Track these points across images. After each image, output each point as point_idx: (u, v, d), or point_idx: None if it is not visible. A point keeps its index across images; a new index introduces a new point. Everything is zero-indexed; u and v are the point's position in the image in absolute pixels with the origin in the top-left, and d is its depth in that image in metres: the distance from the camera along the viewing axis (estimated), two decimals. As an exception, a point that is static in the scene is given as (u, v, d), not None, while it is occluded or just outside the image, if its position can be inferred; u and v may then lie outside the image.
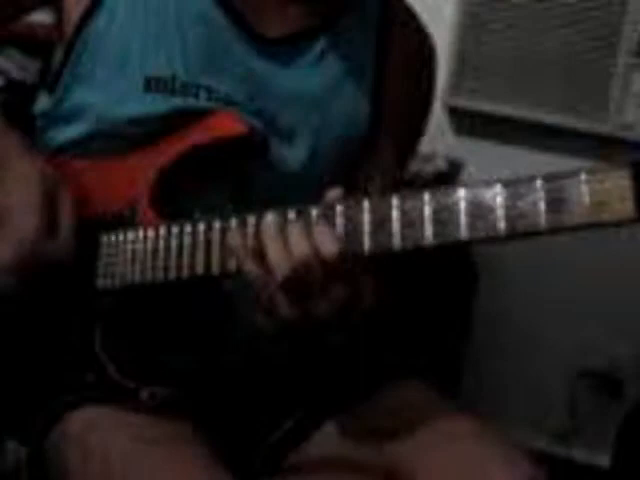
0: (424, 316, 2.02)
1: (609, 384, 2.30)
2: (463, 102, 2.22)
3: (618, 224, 0.62)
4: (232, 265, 0.84)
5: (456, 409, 0.99)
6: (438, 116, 2.20)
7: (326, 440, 1.01)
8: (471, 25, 2.18)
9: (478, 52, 2.18)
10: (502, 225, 0.68)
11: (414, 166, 1.96)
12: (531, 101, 2.19)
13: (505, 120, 2.22)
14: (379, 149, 1.06)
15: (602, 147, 2.17)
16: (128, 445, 0.87)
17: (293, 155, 1.00)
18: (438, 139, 2.16)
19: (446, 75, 2.17)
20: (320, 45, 1.01)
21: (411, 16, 1.09)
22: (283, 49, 0.99)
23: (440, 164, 2.10)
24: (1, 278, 0.90)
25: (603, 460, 2.19)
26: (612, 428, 2.06)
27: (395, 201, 0.75)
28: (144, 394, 0.90)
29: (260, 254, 0.79)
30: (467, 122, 2.27)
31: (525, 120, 2.20)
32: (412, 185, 0.75)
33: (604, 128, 2.16)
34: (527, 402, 2.35)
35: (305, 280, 0.77)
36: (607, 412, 2.28)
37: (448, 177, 2.06)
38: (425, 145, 1.68)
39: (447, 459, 0.91)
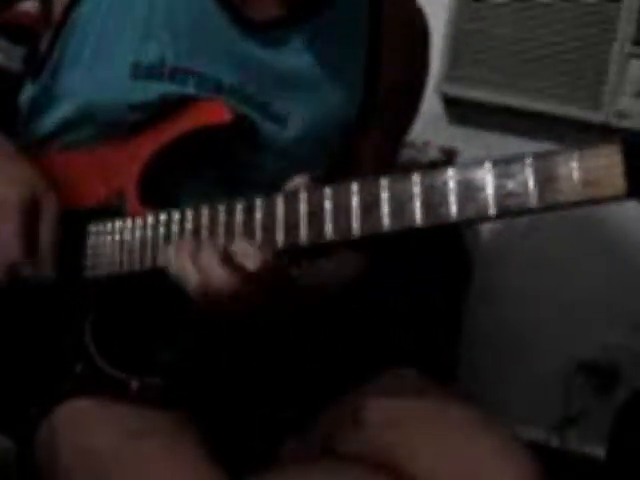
0: (417, 308, 2.02)
1: (605, 375, 2.30)
2: (458, 90, 2.21)
3: (609, 201, 0.62)
4: None
5: (452, 397, 0.99)
6: (433, 104, 2.19)
7: (319, 432, 1.00)
8: (466, 13, 2.17)
9: (473, 40, 2.18)
10: (492, 204, 0.68)
11: (409, 155, 1.95)
12: (526, 89, 2.18)
13: (500, 108, 2.21)
14: (372, 130, 1.05)
15: (597, 135, 2.17)
16: (118, 439, 0.86)
17: (286, 138, 0.99)
18: (433, 127, 2.15)
19: (441, 63, 2.17)
20: (311, 27, 1.00)
21: None
22: (273, 32, 0.99)
23: (434, 153, 2.10)
24: None
25: (599, 451, 2.18)
26: (608, 419, 2.06)
27: (384, 183, 0.74)
28: (134, 385, 0.89)
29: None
30: (461, 110, 2.27)
31: (520, 108, 2.19)
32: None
33: (599, 116, 2.15)
34: (522, 394, 2.35)
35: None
36: (603, 403, 2.28)
37: (442, 166, 2.05)
38: (419, 133, 1.67)
39: (442, 449, 0.91)
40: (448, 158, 2.10)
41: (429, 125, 2.07)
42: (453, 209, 0.70)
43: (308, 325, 1.03)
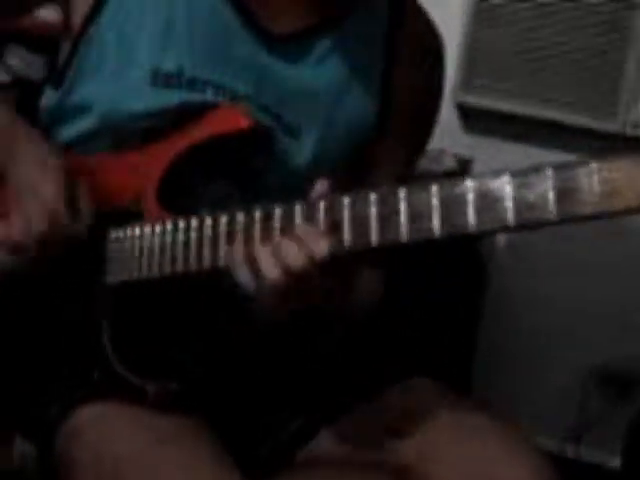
0: (432, 315, 2.01)
1: (619, 384, 2.29)
2: (472, 99, 2.21)
3: (630, 213, 0.61)
4: None
5: (466, 405, 0.99)
6: (447, 113, 2.19)
7: (334, 438, 1.00)
8: (481, 22, 2.17)
9: (488, 49, 2.18)
10: (511, 216, 0.67)
11: (423, 164, 1.95)
12: (541, 98, 2.18)
13: (514, 117, 2.21)
14: (387, 148, 1.05)
15: (612, 145, 2.16)
16: (138, 446, 0.86)
17: (300, 150, 1.00)
18: (447, 136, 2.15)
19: (456, 72, 2.17)
20: (328, 42, 1.00)
21: (421, 14, 1.08)
22: (290, 46, 0.99)
23: (449, 162, 2.09)
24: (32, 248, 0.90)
25: (614, 460, 2.17)
26: (623, 428, 2.05)
27: (402, 193, 0.74)
28: (151, 390, 0.89)
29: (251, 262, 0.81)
30: (476, 119, 2.27)
31: (535, 117, 2.19)
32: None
33: (614, 126, 2.15)
34: (537, 403, 2.34)
35: (298, 280, 0.78)
36: (618, 412, 2.26)
37: (457, 175, 2.06)
38: (434, 143, 1.67)
39: (457, 455, 0.90)
40: (463, 167, 2.10)
41: (444, 134, 2.06)
42: (471, 220, 0.69)
43: (328, 331, 1.03)
